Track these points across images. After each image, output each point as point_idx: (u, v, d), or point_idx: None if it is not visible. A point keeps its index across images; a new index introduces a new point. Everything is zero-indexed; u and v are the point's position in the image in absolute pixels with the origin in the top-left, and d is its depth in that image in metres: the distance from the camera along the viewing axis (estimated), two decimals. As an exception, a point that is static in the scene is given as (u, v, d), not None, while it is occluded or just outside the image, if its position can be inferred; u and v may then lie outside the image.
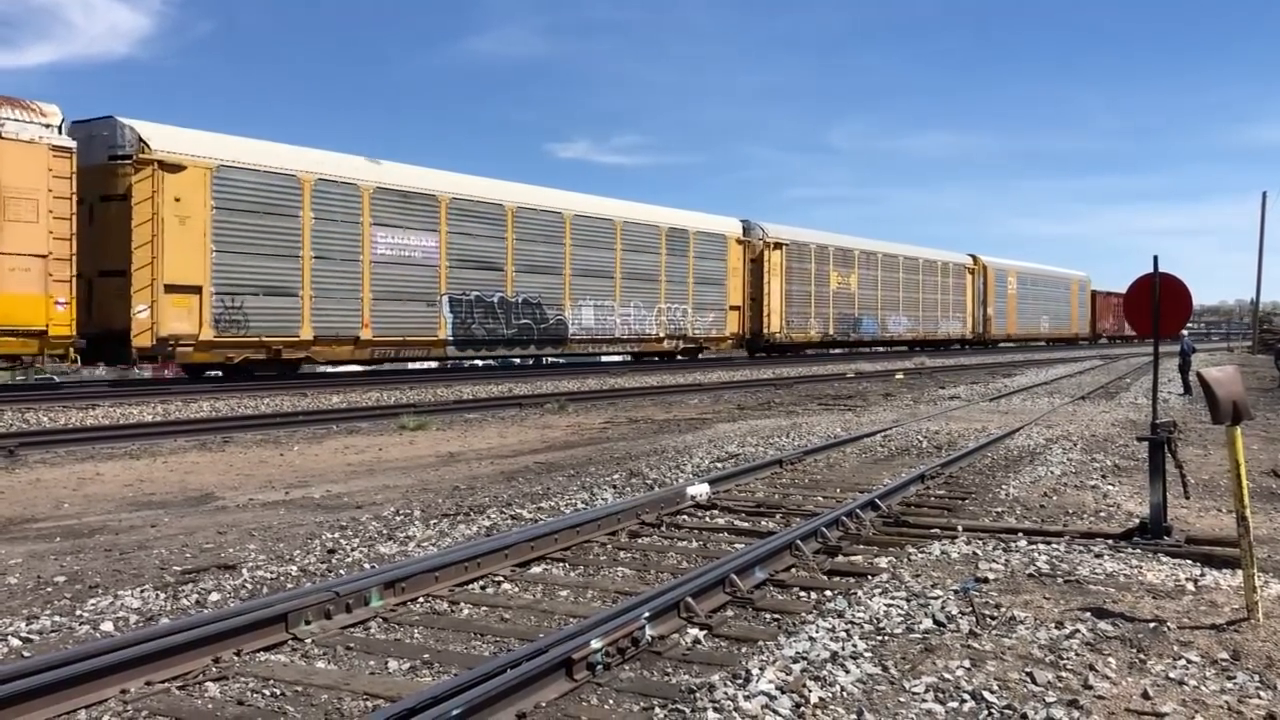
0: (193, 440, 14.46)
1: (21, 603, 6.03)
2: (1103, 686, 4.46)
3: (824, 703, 4.27)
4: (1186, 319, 8.35)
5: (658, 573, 6.83)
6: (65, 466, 11.96)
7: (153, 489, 10.46)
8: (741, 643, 5.27)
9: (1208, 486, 10.40)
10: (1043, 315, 66.65)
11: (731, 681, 4.47)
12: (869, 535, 7.91)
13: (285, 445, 14.17)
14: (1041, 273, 67.08)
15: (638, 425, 17.22)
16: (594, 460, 12.46)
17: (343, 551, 7.30)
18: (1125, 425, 16.42)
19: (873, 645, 5.02)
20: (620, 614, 5.25)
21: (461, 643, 5.38)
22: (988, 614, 5.54)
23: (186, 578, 6.57)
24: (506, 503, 9.24)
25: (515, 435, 15.67)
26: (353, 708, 4.43)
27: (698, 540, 7.89)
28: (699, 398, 23.60)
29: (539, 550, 7.17)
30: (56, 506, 9.42)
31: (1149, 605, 5.75)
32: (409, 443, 14.57)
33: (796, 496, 9.79)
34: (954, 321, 55.00)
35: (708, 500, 9.21)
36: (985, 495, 9.77)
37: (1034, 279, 65.12)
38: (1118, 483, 10.57)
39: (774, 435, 14.86)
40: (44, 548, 7.60)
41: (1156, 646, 5.02)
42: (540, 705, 4.34)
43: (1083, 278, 74.96)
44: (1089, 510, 8.99)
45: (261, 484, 10.79)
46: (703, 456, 12.44)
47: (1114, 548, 7.22)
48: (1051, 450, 13.06)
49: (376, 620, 5.68)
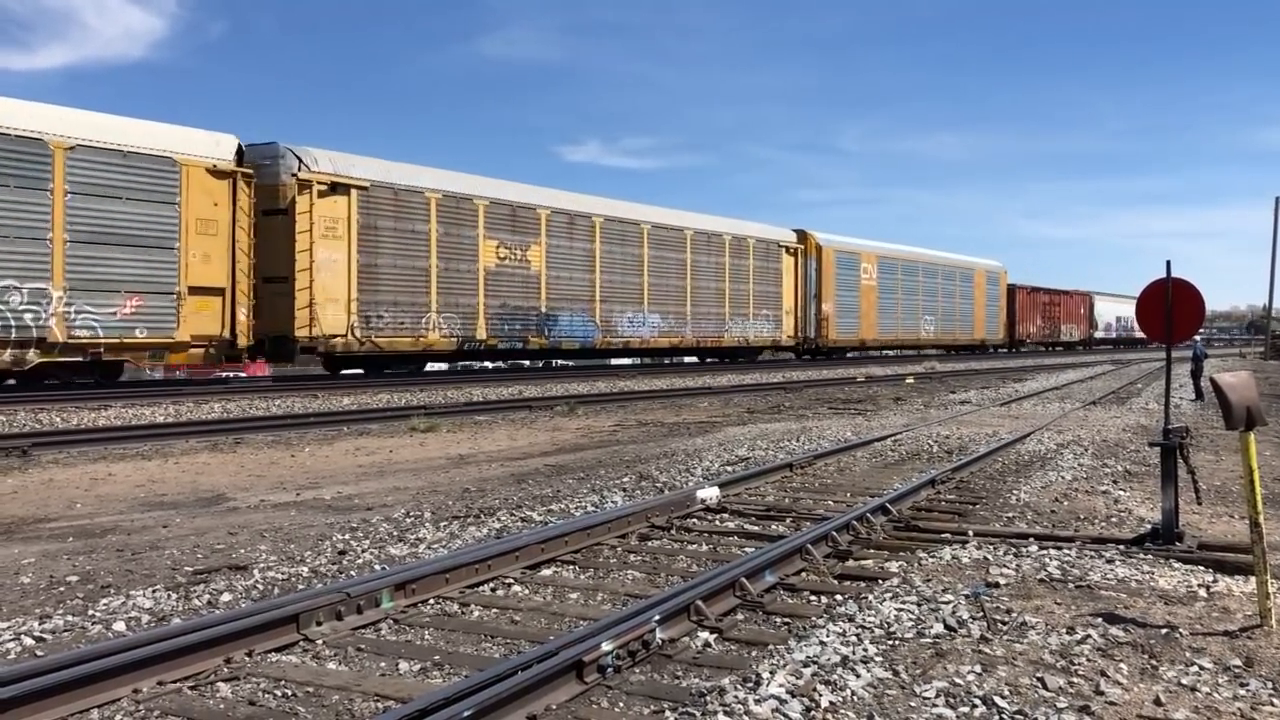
0: (204, 441, 14.52)
1: (34, 602, 6.06)
2: (1114, 693, 4.45)
3: (834, 707, 4.26)
4: (1199, 324, 8.32)
5: (668, 576, 6.83)
6: (78, 466, 12.02)
7: (165, 489, 10.50)
8: (752, 646, 5.27)
9: (1220, 492, 10.36)
10: (925, 315, 51.94)
11: (742, 685, 4.46)
12: (879, 540, 7.89)
13: (296, 446, 14.22)
14: (921, 259, 51.99)
15: (647, 428, 17.22)
16: (604, 463, 12.47)
17: (354, 553, 7.32)
18: (1137, 430, 16.36)
19: (883, 650, 5.01)
20: (631, 617, 5.25)
21: (472, 644, 5.39)
22: (999, 619, 5.52)
23: (198, 578, 6.60)
24: (517, 505, 9.25)
25: (525, 438, 15.68)
26: (364, 709, 4.44)
27: (708, 543, 7.89)
28: (708, 401, 23.59)
29: (549, 552, 7.18)
30: (69, 506, 9.47)
31: (1161, 611, 5.73)
32: (419, 445, 14.60)
33: (807, 500, 9.78)
34: (760, 322, 40.65)
35: (718, 504, 9.21)
36: (996, 500, 9.74)
37: (907, 266, 50.03)
38: (1129, 488, 10.53)
39: (784, 439, 14.84)
40: (57, 547, 7.64)
41: (1169, 653, 5.00)
42: (551, 707, 4.35)
43: (994, 268, 60.01)
44: (1100, 515, 8.95)
45: (273, 485, 10.82)
46: (712, 460, 12.43)
47: (1125, 553, 7.19)
48: (1062, 455, 13.01)
49: (387, 621, 5.70)
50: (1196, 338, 26.18)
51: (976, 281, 57.30)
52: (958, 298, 55.29)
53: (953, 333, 55.03)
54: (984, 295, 58.10)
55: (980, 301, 57.62)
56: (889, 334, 48.87)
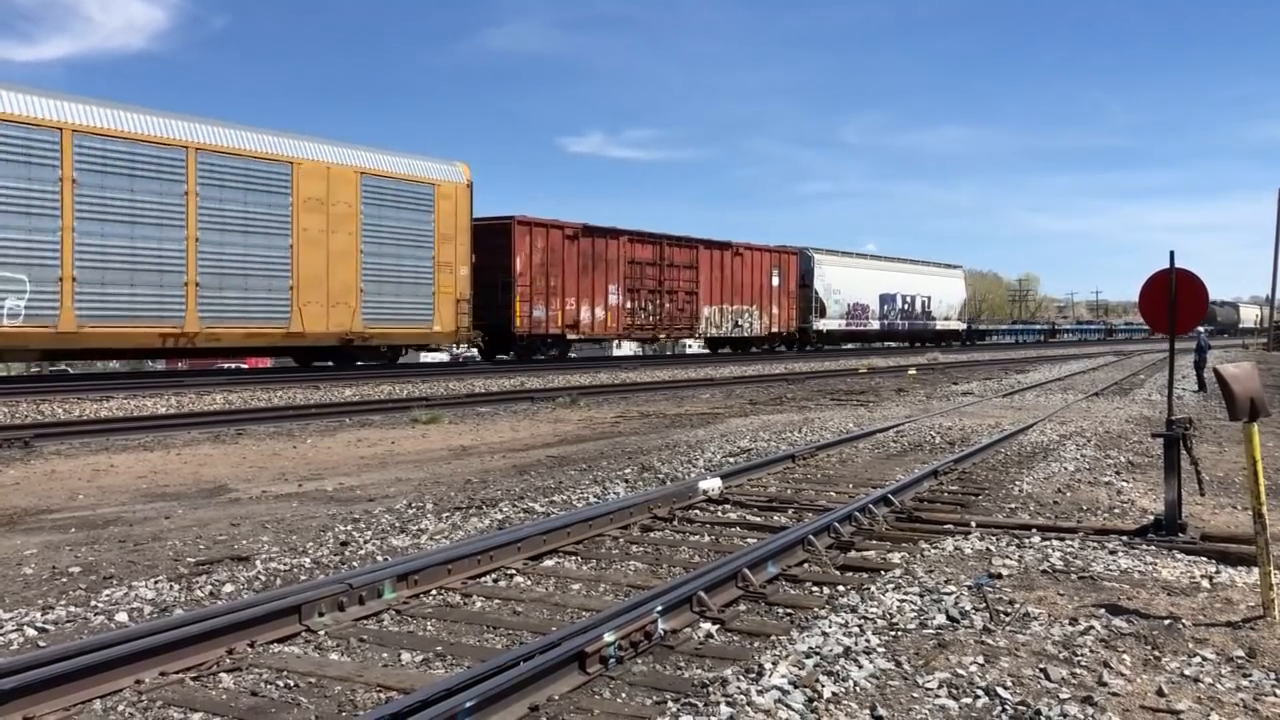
0: (206, 432, 14.53)
1: (37, 593, 6.07)
2: (1117, 683, 4.44)
3: (837, 697, 4.26)
4: (1202, 316, 8.29)
5: (670, 567, 6.83)
6: (80, 458, 12.03)
7: (166, 481, 10.51)
8: (754, 637, 5.27)
9: (1223, 483, 10.34)
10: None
11: (744, 676, 4.46)
12: (882, 530, 7.89)
13: (298, 438, 14.22)
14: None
15: (649, 420, 17.22)
16: (606, 454, 12.46)
17: (355, 544, 7.32)
18: (1139, 422, 16.34)
19: (886, 640, 5.00)
20: (633, 608, 5.25)
21: (474, 635, 5.39)
22: (1001, 610, 5.52)
23: (200, 569, 6.60)
24: (519, 496, 9.25)
25: (527, 429, 15.68)
26: (366, 699, 4.44)
27: (710, 535, 7.88)
28: (710, 392, 23.58)
29: (551, 544, 7.18)
30: (71, 498, 9.47)
31: (1164, 602, 5.73)
32: (421, 436, 14.60)
33: (809, 491, 9.77)
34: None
35: (720, 495, 9.20)
36: (999, 491, 9.73)
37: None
38: (1132, 479, 10.52)
39: (786, 430, 14.84)
40: (59, 538, 7.64)
41: (1171, 644, 4.99)
42: (553, 698, 4.34)
43: (440, 175, 28.36)
44: (1103, 506, 8.95)
45: (275, 476, 10.82)
46: (715, 451, 12.43)
47: (1128, 544, 7.19)
48: (1065, 446, 13.00)
49: (389, 612, 5.70)
50: (1200, 329, 26.14)
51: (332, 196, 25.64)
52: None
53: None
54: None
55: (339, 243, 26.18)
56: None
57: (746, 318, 42.06)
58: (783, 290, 44.33)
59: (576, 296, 33.73)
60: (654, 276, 37.04)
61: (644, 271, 36.53)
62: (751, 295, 42.23)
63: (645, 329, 37.21)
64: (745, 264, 41.86)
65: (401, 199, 27.53)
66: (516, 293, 31.40)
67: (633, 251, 36.00)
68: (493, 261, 30.63)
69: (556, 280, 32.89)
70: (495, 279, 30.89)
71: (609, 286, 34.95)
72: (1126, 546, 7.13)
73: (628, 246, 35.75)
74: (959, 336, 62.34)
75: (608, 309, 34.97)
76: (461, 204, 29.13)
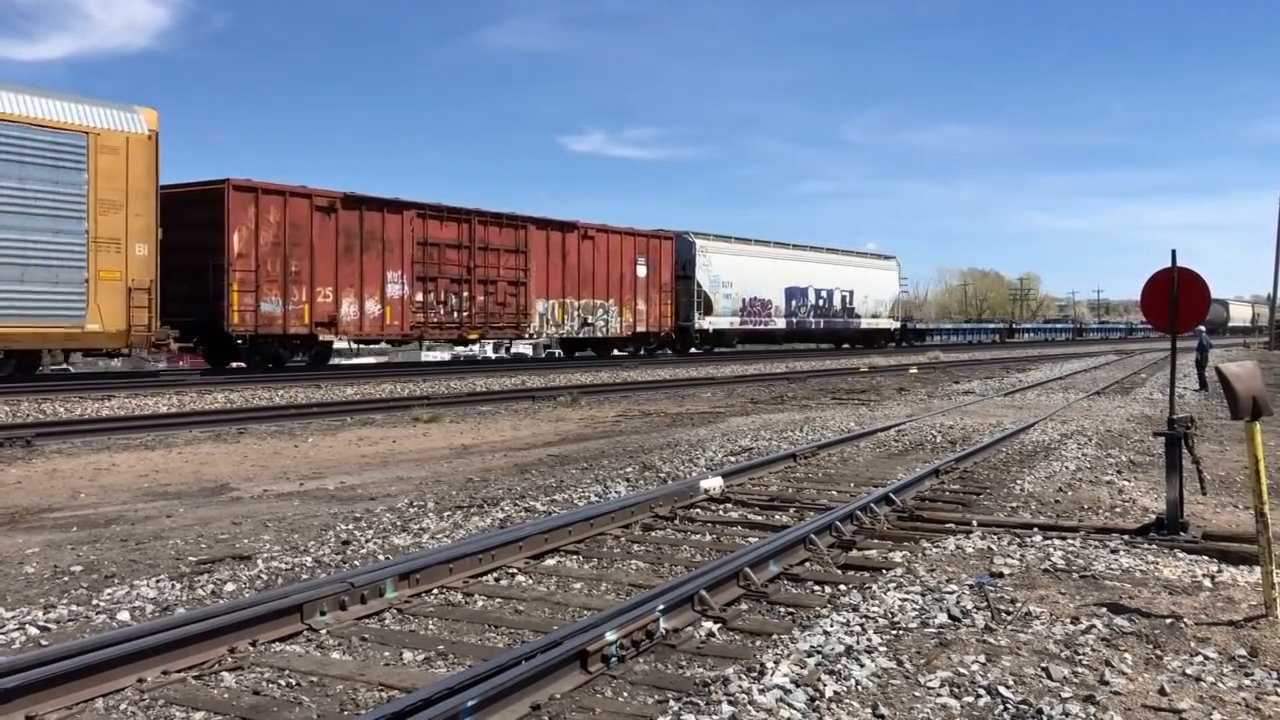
0: (208, 431, 14.53)
1: (39, 592, 6.07)
2: (1119, 682, 4.44)
3: (839, 696, 4.26)
4: (1204, 315, 8.28)
5: (671, 566, 6.83)
6: (81, 457, 12.04)
7: (168, 480, 10.51)
8: (756, 636, 5.27)
9: (1224, 482, 10.33)
10: None
11: (746, 675, 4.46)
12: (883, 529, 7.89)
13: (300, 437, 14.23)
14: None
15: (650, 419, 17.22)
16: (607, 453, 12.46)
17: (357, 543, 7.32)
18: (1140, 420, 16.33)
19: (887, 639, 5.00)
20: (634, 607, 5.25)
21: (476, 634, 5.39)
22: (1003, 609, 5.52)
23: (202, 568, 6.60)
24: (520, 495, 9.25)
25: (528, 428, 15.69)
26: (368, 698, 4.44)
27: (711, 533, 7.88)
28: (711, 391, 23.59)
29: (553, 542, 7.18)
30: (73, 496, 9.48)
31: (1165, 601, 5.72)
32: (423, 435, 14.61)
33: (810, 490, 9.77)
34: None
35: (721, 494, 9.20)
36: (1000, 490, 9.73)
37: None
38: (1133, 478, 10.51)
39: (787, 429, 14.84)
40: (61, 537, 7.65)
41: (1173, 643, 4.99)
42: (555, 697, 4.35)
43: (115, 120, 22.04)
44: (1104, 506, 8.94)
45: (276, 475, 10.83)
46: (716, 450, 12.43)
47: (1130, 543, 7.18)
48: (1066, 445, 13.00)
49: (391, 611, 5.70)
50: (1201, 328, 26.12)
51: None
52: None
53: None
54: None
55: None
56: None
57: (601, 315, 35.06)
58: (652, 282, 37.16)
59: (335, 286, 26.32)
60: (459, 262, 29.64)
61: (443, 255, 29.19)
62: (608, 288, 35.12)
63: (447, 327, 29.91)
64: (597, 250, 34.60)
65: (26, 151, 20.04)
66: (235, 279, 24.07)
67: (424, 230, 28.67)
68: (203, 240, 23.84)
69: (302, 264, 25.44)
70: (206, 262, 24.12)
71: (387, 273, 27.65)
72: (1128, 545, 7.12)
73: (416, 223, 28.45)
74: (891, 337, 55.06)
75: (386, 302, 27.67)
76: (139, 161, 21.57)
